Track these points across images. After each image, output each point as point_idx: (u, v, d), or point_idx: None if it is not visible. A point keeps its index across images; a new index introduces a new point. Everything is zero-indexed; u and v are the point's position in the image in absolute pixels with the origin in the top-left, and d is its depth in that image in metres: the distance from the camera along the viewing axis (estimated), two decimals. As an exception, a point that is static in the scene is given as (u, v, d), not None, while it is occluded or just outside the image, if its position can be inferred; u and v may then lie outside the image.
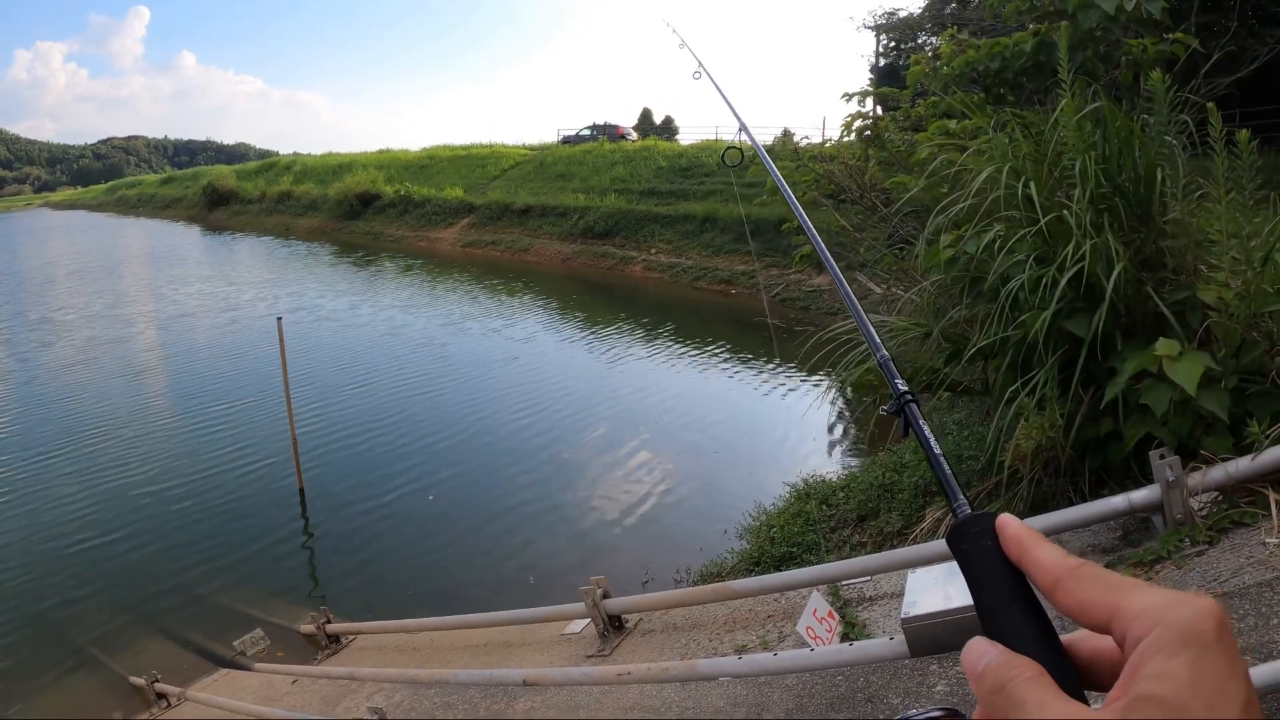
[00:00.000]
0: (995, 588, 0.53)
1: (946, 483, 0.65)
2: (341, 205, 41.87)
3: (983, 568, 0.54)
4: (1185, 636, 0.43)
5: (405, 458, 10.91)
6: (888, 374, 0.82)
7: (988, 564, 0.54)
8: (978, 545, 0.55)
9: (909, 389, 0.77)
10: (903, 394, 0.77)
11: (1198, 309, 3.43)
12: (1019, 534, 0.53)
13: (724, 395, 13.68)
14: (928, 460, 0.68)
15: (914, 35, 24.49)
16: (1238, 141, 3.28)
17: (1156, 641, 0.44)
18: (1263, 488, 3.01)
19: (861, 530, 5.72)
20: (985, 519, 0.55)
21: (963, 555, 0.55)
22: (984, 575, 0.54)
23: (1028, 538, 0.53)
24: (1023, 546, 0.52)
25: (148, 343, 19.37)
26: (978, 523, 0.56)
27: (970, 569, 0.55)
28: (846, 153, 7.25)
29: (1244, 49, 8.46)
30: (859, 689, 2.75)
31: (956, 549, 0.56)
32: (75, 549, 8.79)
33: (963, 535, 0.56)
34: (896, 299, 5.50)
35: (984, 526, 0.55)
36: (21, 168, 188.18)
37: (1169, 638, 0.43)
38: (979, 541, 0.55)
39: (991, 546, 0.54)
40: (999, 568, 0.53)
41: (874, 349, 0.89)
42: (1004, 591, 0.52)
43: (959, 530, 0.56)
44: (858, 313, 1.01)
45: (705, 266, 23.92)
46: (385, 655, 6.17)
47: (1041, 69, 5.68)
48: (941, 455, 0.68)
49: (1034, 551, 0.52)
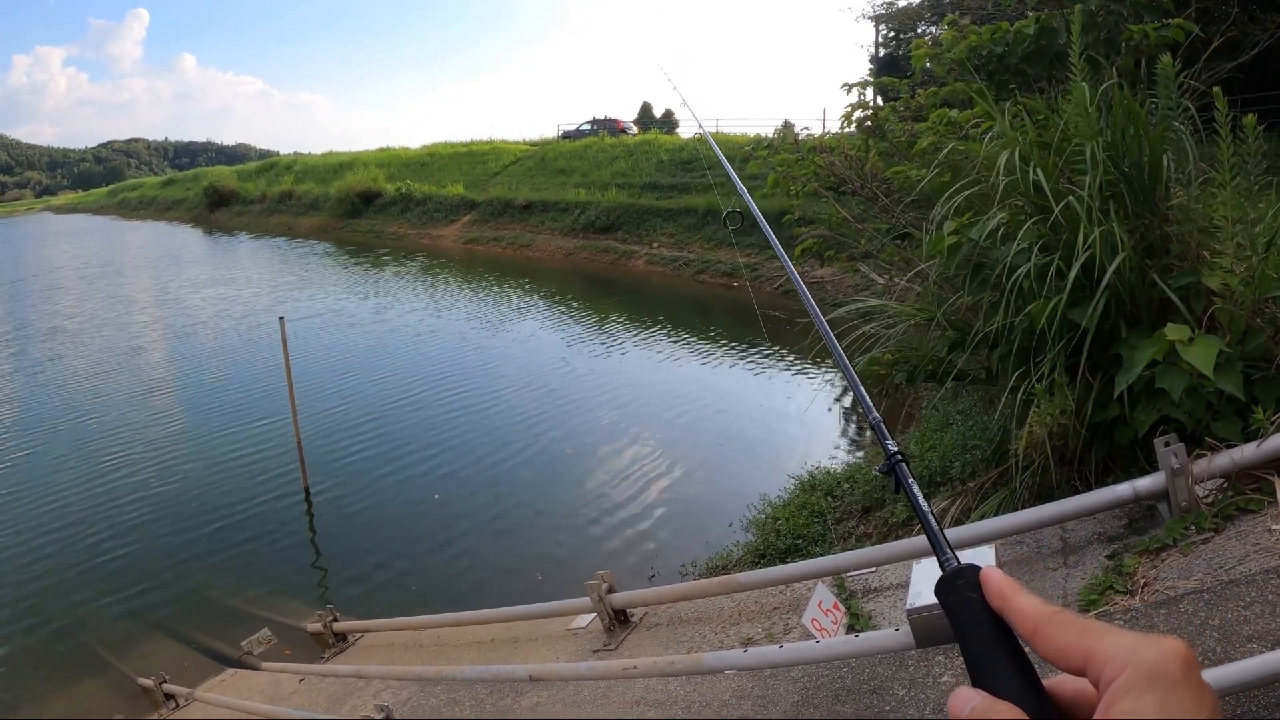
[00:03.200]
0: (979, 635, 0.56)
1: (934, 539, 0.69)
2: (343, 204, 41.87)
3: (967, 617, 0.57)
4: (1153, 676, 0.46)
5: (410, 455, 10.91)
6: (880, 435, 0.88)
7: (972, 613, 0.57)
8: (962, 597, 0.58)
9: (899, 449, 0.83)
10: (894, 454, 0.82)
11: (1202, 295, 3.41)
12: (1001, 585, 0.57)
13: (727, 388, 13.66)
14: (917, 517, 0.72)
15: (913, 25, 24.35)
16: (1243, 126, 3.26)
17: (1126, 682, 0.47)
18: (1268, 474, 2.99)
19: (867, 521, 5.71)
20: (970, 571, 0.59)
21: (949, 606, 0.59)
22: (969, 624, 0.57)
23: (1008, 587, 0.56)
24: (1004, 596, 0.56)
25: (157, 346, 19.34)
26: (962, 575, 0.59)
27: (956, 618, 0.58)
28: (847, 144, 7.23)
29: (1245, 34, 8.39)
30: (865, 680, 2.74)
31: (944, 600, 0.59)
32: (81, 551, 8.80)
33: (949, 588, 0.59)
34: (898, 289, 5.47)
35: (969, 579, 0.58)
36: (22, 172, 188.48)
37: (1137, 678, 0.47)
38: (964, 593, 0.58)
39: (975, 598, 0.57)
40: (982, 616, 0.56)
41: (866, 410, 0.96)
42: (987, 639, 0.56)
43: (946, 583, 0.60)
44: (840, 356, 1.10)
45: (708, 259, 23.86)
46: (392, 653, 6.18)
47: (1044, 54, 5.66)
48: (929, 511, 0.71)
49: (1014, 600, 0.55)
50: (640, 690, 3.35)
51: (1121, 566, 2.96)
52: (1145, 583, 2.80)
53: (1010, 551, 3.48)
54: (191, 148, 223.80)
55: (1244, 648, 2.19)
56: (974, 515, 4.11)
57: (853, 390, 1.02)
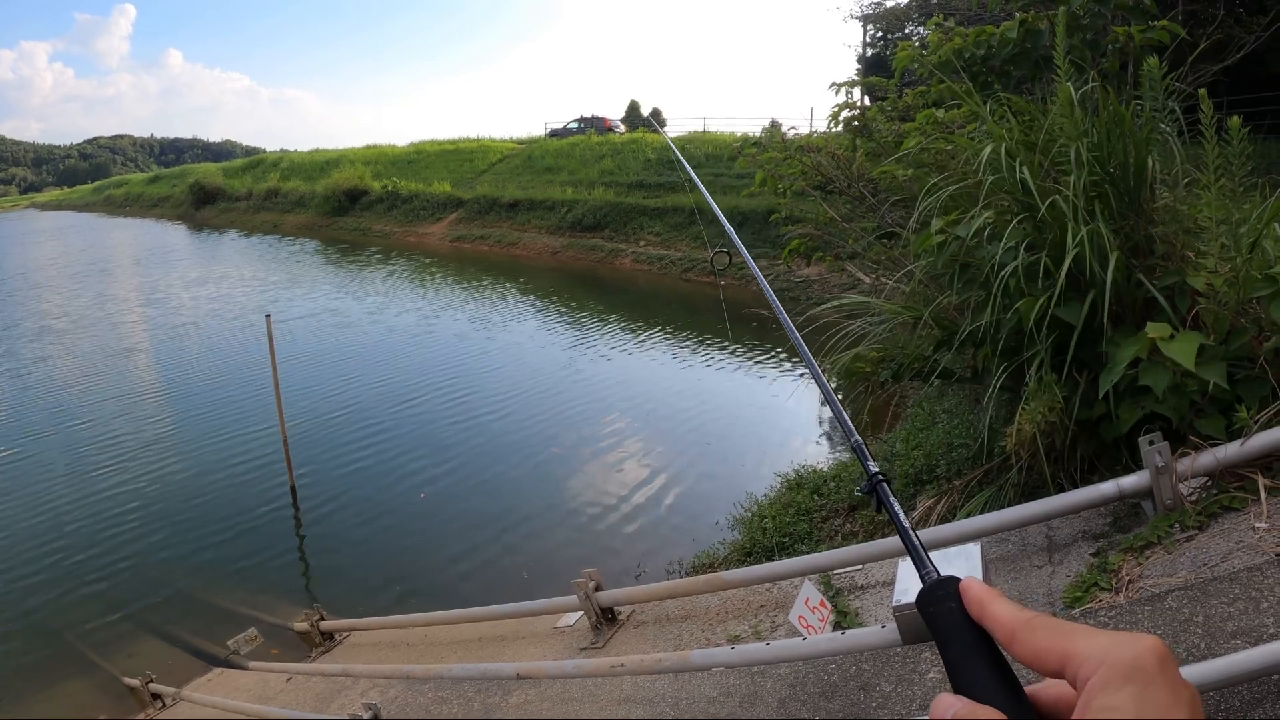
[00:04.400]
0: (960, 644, 0.57)
1: (915, 553, 0.69)
2: (329, 201, 41.69)
3: (948, 627, 0.58)
4: (1129, 673, 0.47)
5: (397, 454, 10.89)
6: (861, 456, 0.90)
7: (952, 623, 0.58)
8: (943, 607, 0.59)
9: (880, 470, 0.84)
10: (874, 474, 0.84)
11: (1186, 295, 3.43)
12: (979, 594, 0.58)
13: (714, 386, 13.69)
14: (898, 533, 0.73)
15: (901, 26, 24.45)
16: (1229, 129, 3.28)
17: (1102, 679, 0.47)
18: (1252, 473, 3.02)
19: (853, 519, 5.73)
20: (950, 582, 0.60)
21: (929, 616, 0.60)
22: (949, 633, 0.58)
23: (986, 596, 0.57)
24: (981, 604, 0.57)
25: (145, 345, 19.13)
26: (943, 586, 0.60)
27: (937, 628, 0.59)
28: (834, 143, 7.24)
29: (1230, 37, 8.47)
30: (851, 677, 2.75)
31: (924, 611, 0.60)
32: (66, 549, 8.74)
33: (930, 599, 0.60)
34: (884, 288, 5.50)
35: (949, 589, 0.60)
36: (7, 169, 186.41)
37: (1113, 675, 0.47)
38: (944, 604, 0.59)
39: (955, 608, 0.58)
40: (963, 626, 0.57)
41: (847, 434, 0.97)
42: (967, 647, 0.57)
43: (927, 594, 0.61)
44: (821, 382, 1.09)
45: (694, 258, 23.86)
46: (379, 651, 6.16)
47: (1028, 56, 5.69)
48: (910, 529, 0.72)
49: (991, 608, 0.56)
50: (628, 688, 3.35)
51: (1106, 564, 2.98)
52: (1130, 580, 2.82)
53: (996, 549, 3.50)
54: (178, 144, 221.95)
55: (1227, 644, 2.21)
56: (960, 513, 4.13)
57: (833, 412, 1.03)
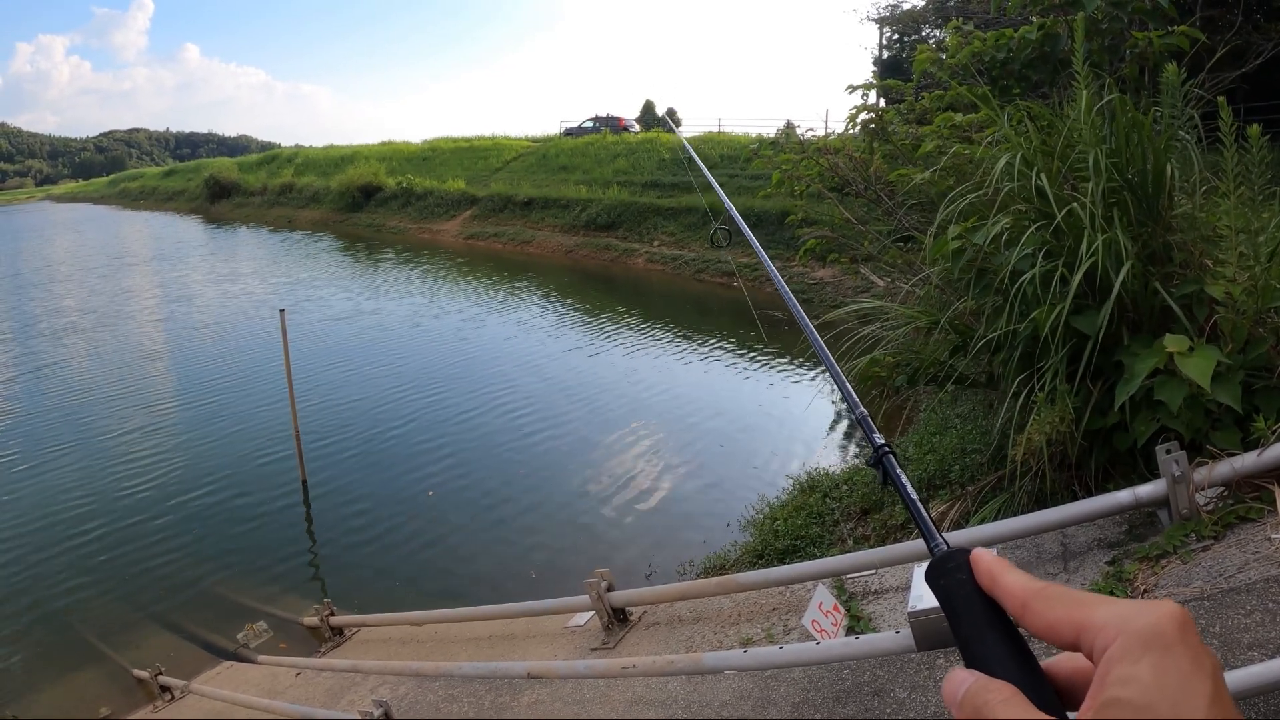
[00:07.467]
0: (971, 617, 0.55)
1: (924, 524, 0.68)
2: (344, 197, 41.89)
3: (959, 600, 0.56)
4: (1147, 641, 0.45)
5: (409, 450, 10.93)
6: (866, 429, 0.89)
7: (963, 596, 0.56)
8: (954, 579, 0.57)
9: (885, 442, 0.84)
10: (880, 446, 0.83)
11: (1204, 304, 3.42)
12: (990, 565, 0.56)
13: (726, 387, 13.68)
14: (905, 505, 0.73)
15: (917, 28, 24.40)
16: (1248, 136, 3.26)
17: (1120, 649, 0.46)
18: (1269, 483, 3.00)
19: (865, 523, 5.71)
20: (960, 554, 0.58)
21: (940, 589, 0.58)
22: (960, 607, 0.56)
23: (997, 567, 0.55)
24: (993, 575, 0.55)
25: (162, 343, 19.18)
26: (953, 558, 0.58)
27: (948, 602, 0.57)
28: (851, 145, 7.22)
29: (1249, 44, 8.42)
30: (865, 682, 2.75)
31: (934, 584, 0.59)
32: (77, 542, 8.81)
33: (940, 571, 0.59)
34: (900, 292, 5.48)
35: (959, 561, 0.58)
36: (23, 161, 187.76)
37: (1132, 644, 0.45)
38: (955, 576, 0.57)
39: (966, 580, 0.56)
40: (973, 598, 0.56)
41: (852, 406, 0.96)
42: (979, 620, 0.55)
43: (936, 566, 0.59)
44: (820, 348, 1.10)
45: (708, 259, 23.87)
46: (389, 648, 6.19)
47: (1047, 60, 5.66)
48: (917, 500, 0.72)
49: (1002, 579, 0.54)
50: (639, 689, 3.36)
51: (1122, 573, 2.97)
52: (1145, 589, 2.81)
53: (1011, 556, 3.49)
54: (193, 138, 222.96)
55: (1244, 655, 2.20)
56: (973, 519, 4.12)
57: (837, 385, 1.02)
